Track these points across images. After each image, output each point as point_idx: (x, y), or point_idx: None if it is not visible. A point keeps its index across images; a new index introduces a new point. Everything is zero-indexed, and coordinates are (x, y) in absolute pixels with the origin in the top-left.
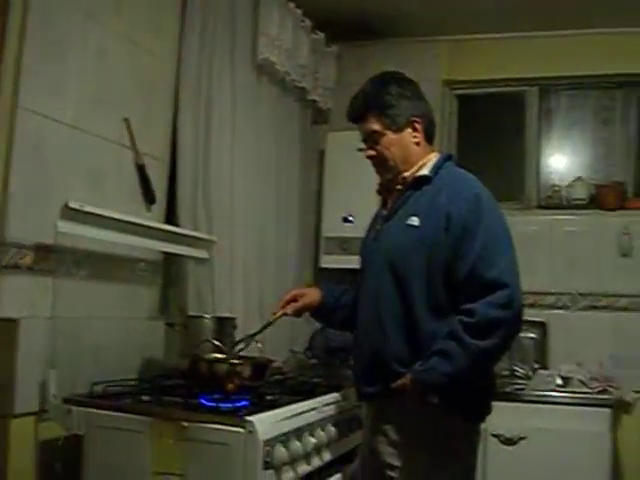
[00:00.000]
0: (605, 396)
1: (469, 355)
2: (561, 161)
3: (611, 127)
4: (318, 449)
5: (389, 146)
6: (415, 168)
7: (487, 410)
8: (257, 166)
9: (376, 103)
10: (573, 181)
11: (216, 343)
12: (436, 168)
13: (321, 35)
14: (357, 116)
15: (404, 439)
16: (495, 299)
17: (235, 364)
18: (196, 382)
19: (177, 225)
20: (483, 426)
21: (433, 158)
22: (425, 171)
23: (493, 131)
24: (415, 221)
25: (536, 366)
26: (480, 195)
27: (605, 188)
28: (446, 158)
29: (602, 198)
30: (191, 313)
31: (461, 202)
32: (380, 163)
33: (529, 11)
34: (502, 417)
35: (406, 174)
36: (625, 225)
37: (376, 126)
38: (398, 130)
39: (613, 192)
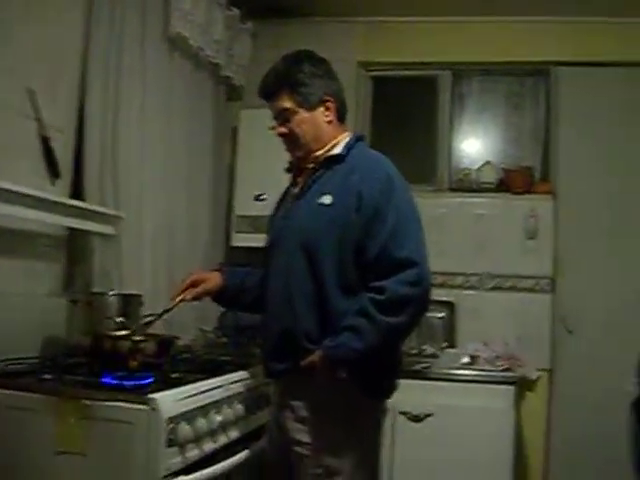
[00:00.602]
0: (509, 374)
1: (379, 331)
2: (472, 145)
3: (521, 113)
4: (224, 427)
5: (301, 124)
6: (327, 147)
7: (393, 387)
8: (168, 142)
9: (288, 81)
10: (483, 165)
11: (120, 320)
12: (348, 148)
13: (236, 11)
14: (269, 93)
15: (312, 415)
16: (405, 277)
17: (138, 341)
18: (98, 360)
19: (83, 200)
20: (391, 403)
21: (345, 138)
22: (337, 150)
23: (407, 114)
24: (327, 200)
25: (444, 345)
26: (392, 176)
27: (513, 172)
28: (358, 138)
29: (510, 182)
30: (95, 290)
31: (373, 182)
32: (291, 141)
33: None
34: (410, 395)
35: (318, 153)
36: (531, 208)
37: (288, 104)
38: (310, 108)
39: (521, 176)
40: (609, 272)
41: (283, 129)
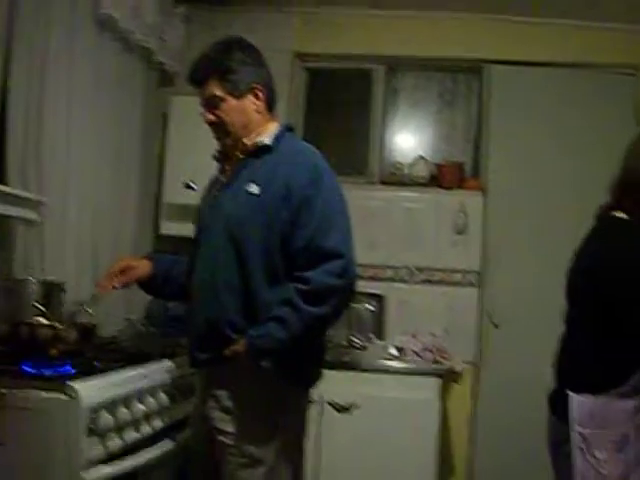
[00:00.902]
0: (436, 366)
1: (303, 321)
2: (404, 139)
3: (453, 109)
4: (148, 417)
5: (229, 112)
6: (255, 136)
7: (317, 376)
8: (95, 126)
9: (218, 68)
10: (415, 159)
11: (40, 307)
12: (277, 137)
13: None
14: (198, 79)
15: (236, 405)
16: (330, 268)
17: (59, 329)
18: (18, 348)
19: (5, 184)
20: (318, 394)
21: (274, 127)
22: (266, 140)
23: (341, 106)
24: (255, 189)
25: (372, 337)
26: (320, 167)
27: (445, 168)
28: (287, 128)
29: (441, 177)
30: (17, 276)
31: (301, 173)
32: (219, 129)
33: None
34: (337, 385)
35: (246, 141)
36: (461, 204)
37: (217, 91)
38: (239, 96)
39: (452, 172)
40: (536, 267)
41: (211, 116)
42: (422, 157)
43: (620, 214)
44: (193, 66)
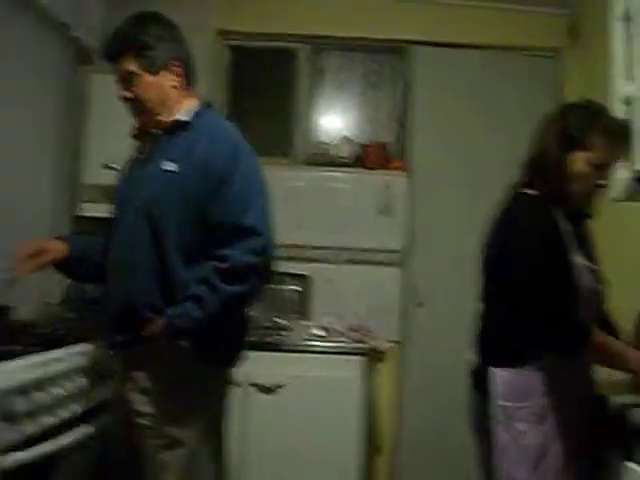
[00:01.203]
0: (360, 345)
1: (221, 300)
2: (329, 120)
3: (378, 90)
4: (65, 401)
5: (145, 88)
6: (173, 113)
7: (238, 356)
8: (6, 104)
9: (133, 43)
10: (340, 140)
11: None
12: (195, 114)
13: None
14: (113, 55)
15: (154, 386)
16: (248, 246)
17: None
18: None
19: None
20: (242, 375)
21: (192, 104)
22: (183, 116)
23: (265, 85)
24: (172, 166)
25: (297, 317)
26: (239, 144)
27: (369, 148)
28: (206, 105)
29: (366, 158)
30: None
31: (220, 149)
32: (136, 106)
33: None
34: (261, 366)
35: (163, 118)
36: (386, 184)
37: (132, 67)
38: (156, 73)
39: (376, 152)
40: (459, 247)
41: (127, 93)
42: (347, 137)
43: (530, 191)
44: (107, 41)
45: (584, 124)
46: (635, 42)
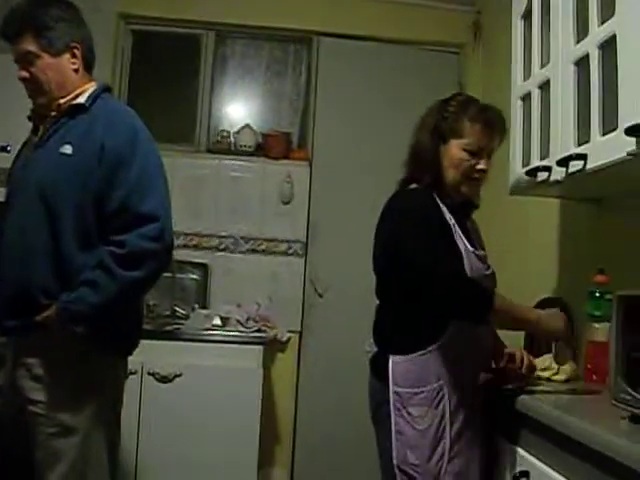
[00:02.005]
0: (260, 335)
1: (118, 286)
2: (232, 108)
3: (282, 79)
4: None
5: (45, 69)
6: (71, 96)
7: (133, 344)
8: None
9: (33, 23)
10: (241, 128)
11: None
12: (93, 98)
13: None
14: (11, 34)
15: (47, 373)
16: (146, 231)
17: None
18: None
19: None
20: (139, 364)
21: (90, 87)
22: (81, 99)
23: (168, 71)
24: (68, 150)
25: (196, 306)
26: (137, 128)
27: (271, 137)
28: (104, 89)
29: (268, 147)
30: None
31: (117, 134)
32: (34, 87)
33: None
34: (159, 355)
35: (61, 101)
36: (288, 174)
37: (32, 47)
38: (56, 54)
39: (278, 141)
40: (358, 238)
41: (25, 73)
42: (249, 126)
43: (414, 186)
44: (5, 20)
45: (455, 113)
46: (534, 40)
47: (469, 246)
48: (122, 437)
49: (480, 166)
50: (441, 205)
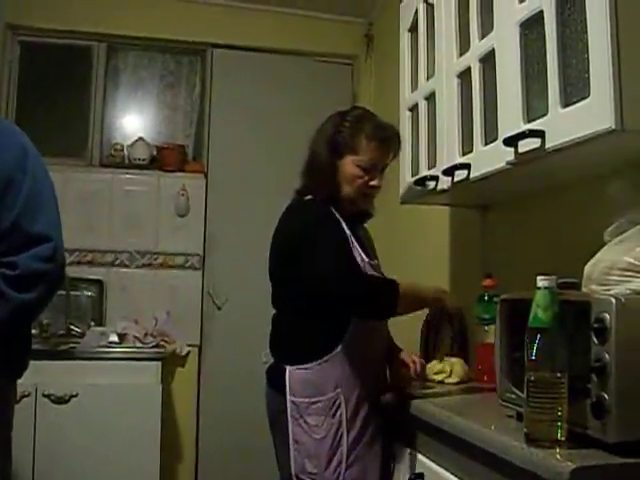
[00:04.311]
0: (158, 350)
1: (10, 308)
2: (125, 121)
3: (176, 91)
4: None
5: None
6: None
7: (24, 365)
8: None
9: None
10: (135, 141)
11: None
12: None
13: None
14: None
15: None
16: (38, 252)
17: None
18: None
19: None
20: (33, 386)
21: None
22: None
23: (58, 84)
24: None
25: (92, 324)
26: (26, 147)
27: (166, 150)
28: None
29: (163, 159)
30: None
31: (6, 152)
32: None
33: None
34: (54, 377)
35: None
36: (183, 186)
37: None
38: None
39: (173, 154)
40: (256, 250)
41: None
42: (142, 139)
43: (308, 197)
44: None
45: (352, 129)
46: (421, 53)
47: (364, 256)
48: (15, 464)
49: (373, 182)
50: (338, 216)
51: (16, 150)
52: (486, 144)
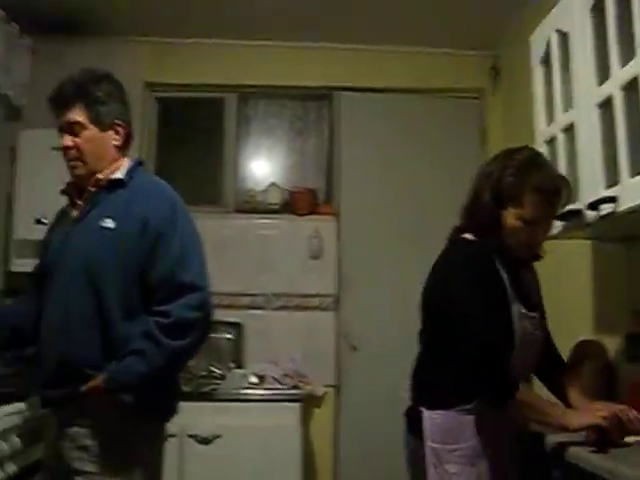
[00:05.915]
0: (296, 391)
1: (164, 355)
2: (257, 167)
3: (305, 136)
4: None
5: (89, 141)
6: (108, 170)
7: (175, 409)
8: None
9: (86, 95)
10: (268, 186)
11: None
12: (130, 172)
13: (15, 26)
14: (62, 102)
15: (93, 442)
16: (189, 301)
17: None
18: None
19: None
20: (179, 427)
21: (126, 163)
22: (119, 174)
23: (193, 135)
24: (110, 223)
25: (232, 366)
26: (175, 201)
27: (297, 194)
28: (138, 163)
29: (294, 203)
30: None
31: (157, 207)
32: (75, 157)
33: (231, 19)
34: (198, 417)
35: (99, 175)
36: (315, 229)
37: (81, 118)
38: (102, 129)
39: (305, 198)
40: (390, 289)
41: (69, 142)
42: (274, 184)
43: (468, 236)
44: (58, 88)
45: (516, 177)
46: (555, 85)
47: (522, 308)
48: None
49: (537, 236)
50: (498, 264)
51: (167, 205)
52: (634, 175)
